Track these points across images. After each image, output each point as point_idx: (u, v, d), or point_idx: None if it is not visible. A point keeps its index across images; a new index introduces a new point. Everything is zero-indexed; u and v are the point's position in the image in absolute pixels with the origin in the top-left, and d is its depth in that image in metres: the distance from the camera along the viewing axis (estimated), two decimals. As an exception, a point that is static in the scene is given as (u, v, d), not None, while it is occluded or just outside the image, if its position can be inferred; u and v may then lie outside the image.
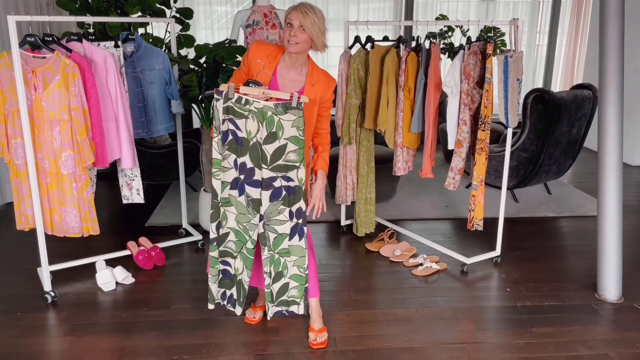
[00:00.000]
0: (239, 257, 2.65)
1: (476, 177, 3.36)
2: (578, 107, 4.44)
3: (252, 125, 2.43)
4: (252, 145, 2.46)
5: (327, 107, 2.61)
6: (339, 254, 3.76)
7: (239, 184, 2.52)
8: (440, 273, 3.47)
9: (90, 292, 3.20)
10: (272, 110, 2.39)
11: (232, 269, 2.67)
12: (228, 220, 2.59)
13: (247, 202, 2.54)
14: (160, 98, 3.39)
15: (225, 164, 2.51)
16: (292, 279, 2.63)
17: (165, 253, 3.67)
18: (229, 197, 2.55)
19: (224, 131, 2.47)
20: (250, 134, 2.44)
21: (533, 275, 3.43)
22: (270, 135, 2.43)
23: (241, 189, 2.53)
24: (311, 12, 2.41)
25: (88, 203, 3.05)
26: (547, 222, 4.38)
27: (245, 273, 2.65)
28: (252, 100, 2.40)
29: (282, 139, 2.43)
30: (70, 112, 2.89)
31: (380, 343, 2.69)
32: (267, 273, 2.63)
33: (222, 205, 2.57)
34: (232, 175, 2.52)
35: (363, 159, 3.83)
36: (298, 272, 2.62)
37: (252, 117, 2.42)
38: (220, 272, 2.68)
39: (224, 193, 2.55)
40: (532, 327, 2.85)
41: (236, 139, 2.46)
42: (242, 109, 2.42)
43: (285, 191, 2.51)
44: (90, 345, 2.68)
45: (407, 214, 4.48)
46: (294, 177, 2.49)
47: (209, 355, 2.60)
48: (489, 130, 3.31)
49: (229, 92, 2.41)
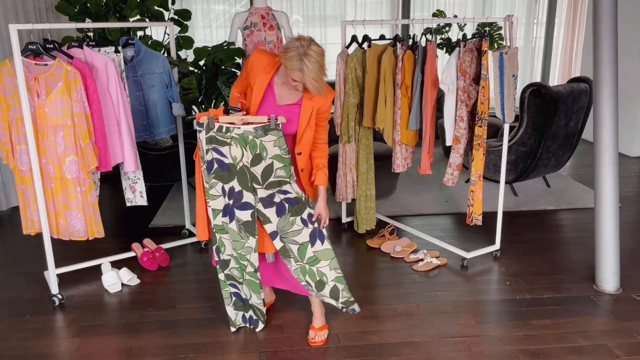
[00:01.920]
0: (244, 283, 2.74)
1: (474, 172, 3.40)
2: (575, 101, 4.48)
3: (236, 150, 2.50)
4: (239, 169, 2.53)
5: (325, 118, 2.60)
6: (341, 250, 3.81)
7: (229, 210, 2.60)
8: (440, 268, 3.52)
9: (96, 294, 3.26)
10: (252, 134, 2.46)
11: (242, 293, 2.79)
12: (226, 248, 2.69)
13: (239, 227, 2.61)
14: (161, 101, 3.43)
15: (214, 192, 2.60)
16: (336, 281, 2.67)
17: (169, 254, 3.72)
18: (222, 225, 2.64)
19: (209, 161, 2.54)
20: (236, 159, 2.52)
21: (532, 268, 3.47)
22: (255, 157, 2.50)
23: (231, 215, 2.60)
24: (314, 74, 2.34)
25: (92, 206, 3.10)
26: (546, 215, 4.42)
27: (255, 297, 2.75)
28: (233, 127, 2.47)
29: (267, 159, 2.51)
30: (73, 117, 2.93)
31: (382, 338, 2.75)
32: (306, 284, 2.67)
33: (217, 232, 2.65)
34: (221, 203, 2.61)
35: (362, 157, 3.88)
36: (337, 274, 2.67)
37: (235, 143, 2.49)
38: (233, 295, 2.79)
39: (217, 220, 2.64)
40: (532, 319, 2.90)
41: (221, 166, 2.54)
42: (223, 137, 2.49)
43: (287, 203, 2.58)
44: (98, 346, 2.74)
45: (407, 210, 4.53)
46: (289, 189, 2.57)
47: (215, 353, 2.66)
48: (486, 126, 3.35)
49: (210, 122, 2.48)
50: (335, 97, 3.75)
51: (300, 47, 2.33)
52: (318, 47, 2.37)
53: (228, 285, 2.77)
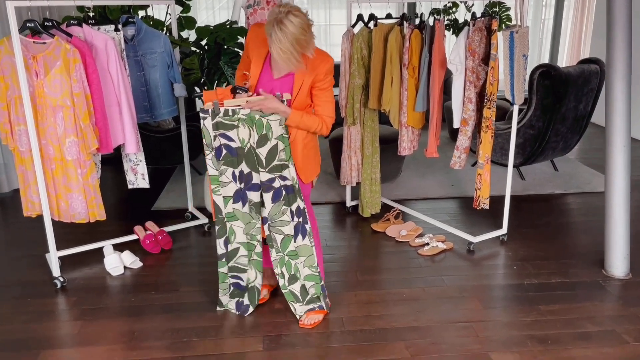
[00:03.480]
0: (249, 267, 2.71)
1: (482, 155, 3.33)
2: (585, 82, 4.38)
3: (243, 132, 2.48)
4: (247, 151, 2.51)
5: (323, 88, 2.47)
6: (345, 235, 3.76)
7: (242, 194, 2.58)
8: (446, 252, 3.47)
9: (98, 276, 3.23)
10: (259, 113, 2.44)
11: (243, 281, 2.76)
12: (236, 236, 2.66)
13: (250, 207, 2.60)
14: (162, 82, 3.36)
15: (224, 178, 2.57)
16: (307, 279, 2.71)
17: (172, 237, 3.68)
18: (234, 211, 2.61)
19: (217, 147, 2.52)
20: (244, 141, 2.50)
21: (540, 253, 3.42)
22: (261, 138, 2.48)
23: (244, 198, 2.59)
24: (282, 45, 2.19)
25: (93, 189, 3.05)
26: (554, 199, 4.36)
27: (259, 277, 2.73)
28: (239, 109, 2.44)
29: (272, 139, 2.48)
30: (73, 97, 2.87)
31: (387, 323, 2.71)
32: (279, 274, 2.71)
33: (228, 220, 2.63)
34: (232, 189, 2.58)
35: (367, 140, 3.81)
36: (310, 271, 2.69)
37: (242, 124, 2.47)
38: (231, 286, 2.76)
39: (228, 208, 2.61)
40: (539, 304, 2.85)
41: (230, 151, 2.51)
42: (231, 120, 2.47)
43: (284, 191, 2.57)
44: (101, 329, 2.71)
45: (412, 193, 4.47)
46: (287, 175, 2.55)
47: (218, 337, 2.62)
48: (495, 108, 3.28)
49: (215, 108, 2.44)
50: (340, 79, 3.67)
51: (278, 14, 2.21)
52: (298, 18, 2.20)
53: (229, 277, 2.74)
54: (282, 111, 2.44)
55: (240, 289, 2.77)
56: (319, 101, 2.51)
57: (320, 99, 2.51)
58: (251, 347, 2.54)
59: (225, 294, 2.77)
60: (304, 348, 2.53)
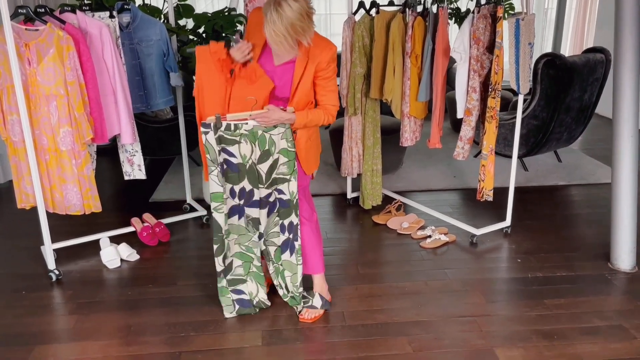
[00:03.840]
0: (249, 279, 2.65)
1: (486, 146, 3.26)
2: (590, 72, 4.30)
3: (245, 148, 2.42)
4: (248, 168, 2.45)
5: (327, 77, 2.39)
6: (346, 227, 3.70)
7: (238, 210, 2.53)
8: (449, 245, 3.41)
9: (94, 269, 3.17)
10: (261, 128, 2.38)
11: (247, 295, 2.69)
12: (231, 249, 2.61)
13: (247, 222, 2.56)
14: (158, 70, 3.28)
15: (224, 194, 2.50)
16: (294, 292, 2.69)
17: (169, 229, 3.62)
18: (229, 227, 2.56)
19: (221, 163, 2.44)
20: (245, 158, 2.43)
21: (544, 246, 3.36)
22: (263, 154, 2.42)
23: (240, 213, 2.54)
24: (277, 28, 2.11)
25: (89, 180, 2.98)
26: (558, 190, 4.29)
27: (262, 291, 2.68)
28: (242, 124, 2.37)
29: (275, 154, 2.43)
30: (67, 86, 2.80)
31: (389, 317, 2.65)
32: (278, 285, 2.69)
33: (226, 237, 2.57)
34: (229, 205, 2.52)
35: (369, 130, 3.74)
36: (292, 289, 2.67)
37: (244, 140, 2.40)
38: (236, 303, 2.68)
39: (226, 225, 2.55)
40: (544, 298, 2.79)
41: (230, 167, 2.45)
42: (233, 135, 2.39)
43: (278, 204, 2.52)
44: (96, 323, 2.65)
45: (414, 185, 4.40)
46: (285, 190, 2.49)
47: (217, 332, 2.57)
48: (500, 98, 3.20)
49: (217, 122, 2.37)
50: (341, 67, 3.59)
51: None
52: (298, 3, 2.12)
53: (230, 292, 2.67)
54: (287, 119, 2.36)
55: (246, 306, 2.68)
56: (323, 91, 2.43)
57: (325, 89, 2.42)
58: (250, 342, 2.49)
59: (230, 312, 2.68)
60: (304, 343, 2.47)
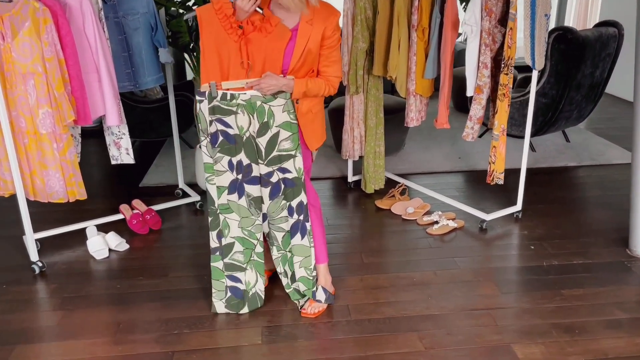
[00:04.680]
0: (249, 267, 2.46)
1: (497, 126, 3.06)
2: (603, 47, 4.09)
3: (242, 119, 2.23)
4: (246, 140, 2.26)
5: (332, 46, 2.22)
6: (347, 212, 3.51)
7: (238, 186, 2.33)
8: (457, 231, 3.22)
9: (81, 260, 2.97)
10: (260, 99, 2.19)
11: (242, 284, 2.49)
12: (231, 229, 2.41)
13: (249, 202, 2.36)
14: (146, 46, 3.04)
15: (219, 167, 2.31)
16: (301, 281, 2.48)
17: (161, 216, 3.41)
18: (229, 203, 2.36)
19: (213, 133, 2.26)
20: (243, 129, 2.24)
21: (558, 231, 3.18)
22: (262, 126, 2.23)
23: (240, 190, 2.34)
24: None
25: (72, 165, 2.77)
26: (568, 171, 4.11)
27: (260, 281, 2.49)
28: (238, 94, 2.18)
29: (273, 127, 2.23)
30: (45, 63, 2.56)
31: (397, 311, 2.47)
32: (282, 273, 2.50)
33: (222, 212, 2.38)
34: (228, 179, 2.33)
35: (371, 110, 3.52)
36: (305, 273, 2.47)
37: (242, 111, 2.21)
38: (228, 290, 2.48)
39: (222, 199, 2.36)
40: (562, 288, 2.62)
41: (227, 138, 2.26)
42: (229, 105, 2.21)
43: (283, 184, 2.32)
44: (82, 319, 2.46)
45: (417, 167, 4.20)
46: (290, 167, 2.30)
47: (212, 328, 2.38)
48: (512, 74, 2.99)
49: (212, 90, 2.18)
50: (342, 42, 3.36)
51: None
52: None
53: (226, 277, 2.47)
54: (284, 84, 2.16)
55: (239, 296, 2.48)
56: (327, 62, 2.24)
57: (329, 59, 2.24)
58: (249, 339, 2.31)
59: (220, 299, 2.49)
60: (307, 340, 2.29)
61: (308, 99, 2.28)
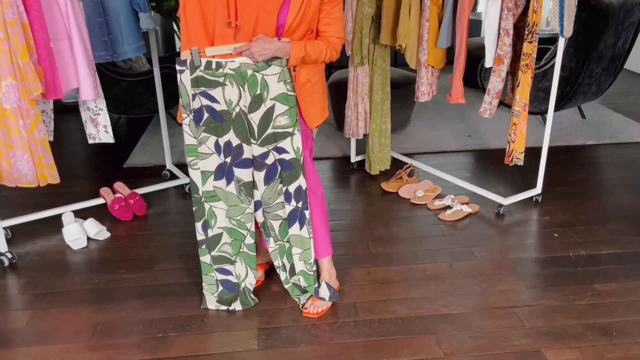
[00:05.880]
0: (238, 260, 2.17)
1: (519, 100, 2.75)
2: (627, 15, 3.76)
3: (231, 92, 1.90)
4: (235, 117, 1.93)
5: (334, 0, 1.92)
6: (350, 196, 3.21)
7: (226, 171, 2.01)
8: (471, 217, 2.94)
9: (56, 251, 2.67)
10: (251, 67, 1.86)
11: (234, 277, 2.20)
12: (217, 220, 2.10)
13: (239, 188, 2.04)
14: (125, 10, 2.69)
15: (204, 149, 2.00)
16: (301, 275, 2.19)
17: (146, 200, 3.11)
18: (215, 190, 2.05)
19: (196, 109, 1.94)
20: (231, 104, 1.92)
21: (582, 217, 2.91)
22: (255, 99, 1.91)
23: (229, 175, 2.02)
24: None
25: (41, 145, 2.44)
26: (586, 150, 3.82)
27: (251, 275, 2.20)
28: (225, 62, 1.85)
29: (268, 101, 1.91)
30: (6, 27, 2.21)
31: (411, 309, 2.19)
32: (280, 267, 2.21)
33: (207, 200, 2.07)
34: (214, 163, 2.01)
35: (377, 83, 3.20)
36: (305, 268, 2.17)
37: (230, 82, 1.89)
38: (219, 284, 2.20)
39: (207, 185, 2.05)
40: (593, 282, 2.35)
41: (213, 114, 1.94)
42: (215, 75, 1.88)
43: (280, 166, 2.01)
44: (55, 320, 2.17)
45: (424, 146, 3.90)
46: (287, 147, 1.98)
47: (202, 331, 2.10)
48: (537, 42, 2.67)
49: (194, 58, 1.86)
50: (345, 7, 3.02)
51: None
52: None
53: (215, 270, 2.19)
54: (278, 49, 1.84)
55: (231, 289, 2.21)
56: (329, 18, 1.92)
57: (330, 15, 1.92)
58: (243, 344, 2.03)
59: (211, 294, 2.22)
60: (310, 345, 2.02)
61: (306, 67, 1.96)
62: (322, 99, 2.09)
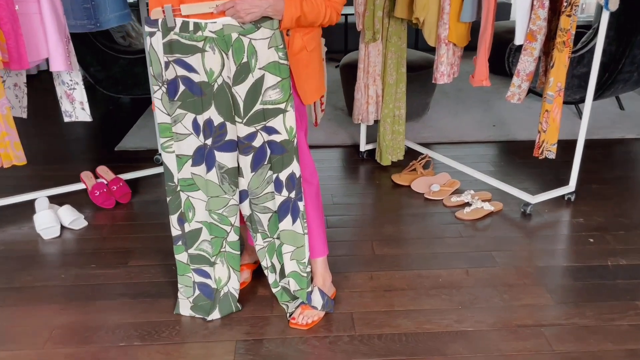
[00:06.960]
0: (219, 261, 1.87)
1: (553, 84, 2.38)
2: (678, -6, 3.34)
3: (212, 60, 1.58)
4: (217, 90, 1.62)
5: None
6: (358, 189, 2.88)
7: (206, 155, 1.70)
8: (493, 216, 2.59)
9: (24, 240, 2.41)
10: (237, 29, 1.54)
11: (212, 282, 1.90)
12: (196, 213, 1.80)
13: (221, 176, 1.73)
14: (107, -28, 2.40)
15: (179, 128, 1.68)
16: (292, 277, 1.87)
17: (133, 187, 2.84)
18: (193, 178, 1.74)
19: (170, 80, 1.62)
20: (212, 74, 1.60)
21: (621, 219, 2.53)
22: (241, 68, 1.59)
23: (209, 160, 1.71)
24: None
25: (4, 121, 2.17)
26: (626, 145, 3.42)
27: (234, 279, 1.90)
28: (205, 23, 1.54)
29: (256, 70, 1.59)
30: (-38, -15, 1.94)
31: (418, 324, 1.87)
32: (268, 268, 1.90)
33: (183, 189, 1.77)
34: (192, 145, 1.70)
35: (391, 63, 2.85)
36: (298, 269, 1.85)
37: (211, 47, 1.57)
38: (197, 287, 1.90)
39: (184, 172, 1.74)
40: (636, 299, 1.99)
41: (191, 87, 1.62)
42: (192, 39, 1.56)
43: (269, 149, 1.70)
44: (8, 321, 1.90)
45: (443, 136, 3.55)
46: (279, 126, 1.66)
47: (172, 340, 1.81)
48: (576, 16, 2.30)
49: (167, 18, 1.54)
50: (356, -25, 2.68)
51: None
52: None
53: (192, 270, 1.90)
54: (269, 6, 1.52)
55: (208, 295, 1.91)
56: None
57: None
58: (217, 358, 1.73)
59: (187, 297, 1.92)
60: (295, 364, 1.71)
61: (302, 31, 1.64)
62: (319, 71, 1.77)
